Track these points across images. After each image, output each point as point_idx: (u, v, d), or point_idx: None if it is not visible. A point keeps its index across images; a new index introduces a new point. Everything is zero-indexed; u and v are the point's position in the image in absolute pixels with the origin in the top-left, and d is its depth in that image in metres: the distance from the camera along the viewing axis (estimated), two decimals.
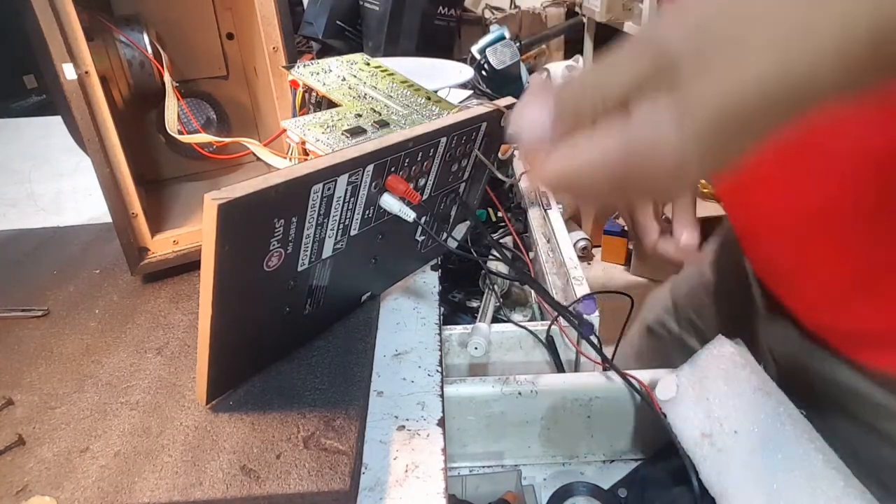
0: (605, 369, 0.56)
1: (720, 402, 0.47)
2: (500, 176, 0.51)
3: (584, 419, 0.57)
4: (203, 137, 0.53)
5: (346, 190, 0.37)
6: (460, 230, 0.55)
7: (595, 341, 0.58)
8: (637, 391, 0.55)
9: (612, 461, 0.58)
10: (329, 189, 0.36)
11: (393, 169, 0.40)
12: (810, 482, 0.39)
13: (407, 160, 0.40)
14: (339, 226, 0.39)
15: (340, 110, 0.47)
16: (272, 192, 0.32)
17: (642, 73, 0.22)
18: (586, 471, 0.58)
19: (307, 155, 0.44)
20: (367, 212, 0.41)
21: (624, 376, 0.55)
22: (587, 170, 0.23)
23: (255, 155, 0.50)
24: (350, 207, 0.39)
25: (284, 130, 0.45)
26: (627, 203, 0.24)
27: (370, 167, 0.38)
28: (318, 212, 0.36)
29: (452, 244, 0.52)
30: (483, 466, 0.58)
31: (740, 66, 0.20)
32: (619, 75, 0.22)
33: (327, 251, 0.40)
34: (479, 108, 0.45)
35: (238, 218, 0.31)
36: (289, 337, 0.44)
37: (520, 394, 0.55)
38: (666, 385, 0.52)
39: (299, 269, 0.39)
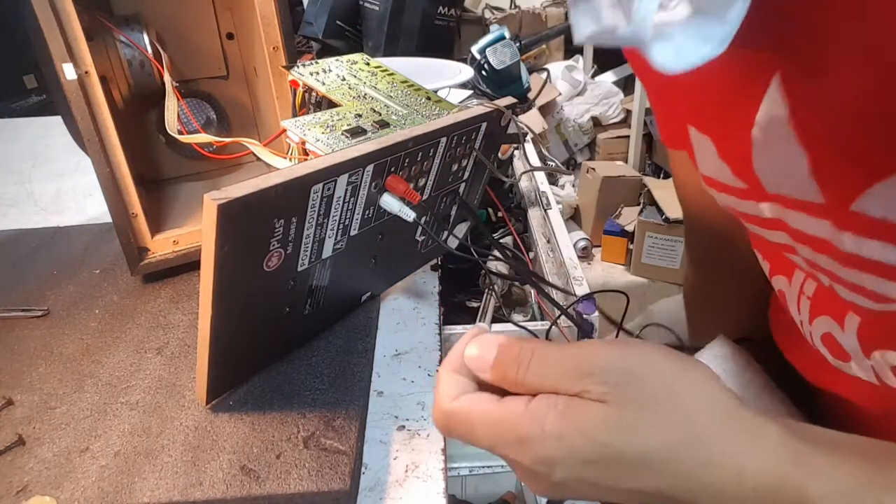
0: None
1: None
2: (500, 176, 0.51)
3: None
4: (203, 137, 0.53)
5: (346, 190, 0.37)
6: (461, 230, 0.55)
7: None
8: None
9: None
10: (329, 189, 0.36)
11: (393, 169, 0.40)
12: None
13: (407, 160, 0.40)
14: (338, 226, 0.39)
15: (340, 110, 0.47)
16: (272, 193, 0.32)
17: (558, 384, 0.25)
18: None
19: (307, 155, 0.44)
20: (367, 212, 0.41)
21: None
22: (468, 434, 0.27)
23: (255, 155, 0.50)
24: (350, 207, 0.39)
25: (284, 130, 0.45)
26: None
27: (370, 167, 0.38)
28: (317, 212, 0.36)
29: (453, 243, 0.52)
30: (483, 466, 0.57)
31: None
32: (543, 375, 0.26)
33: (327, 251, 0.40)
34: (479, 108, 0.45)
35: (238, 218, 0.31)
36: (289, 337, 0.44)
37: None
38: None
39: (299, 269, 0.39)
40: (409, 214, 0.40)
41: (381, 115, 0.48)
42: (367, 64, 0.56)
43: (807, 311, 0.38)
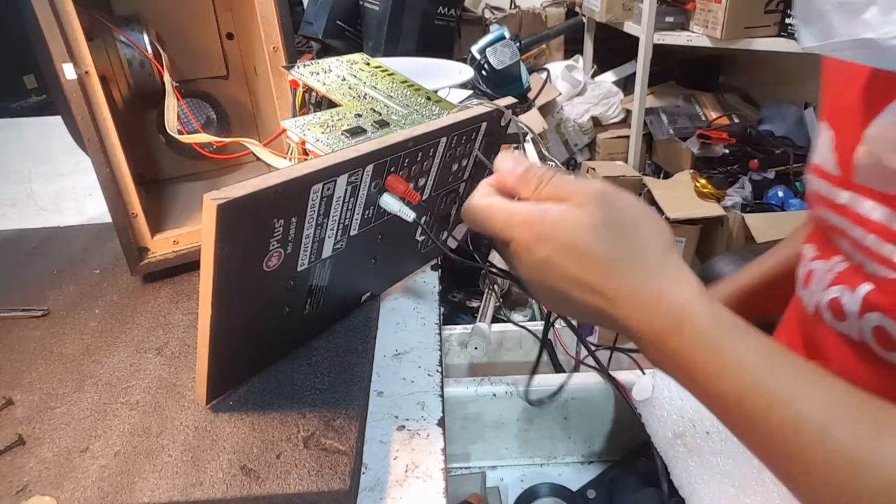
0: (602, 371, 0.56)
1: (693, 403, 0.47)
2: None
3: (561, 420, 0.57)
4: (203, 137, 0.53)
5: (346, 190, 0.37)
6: (461, 230, 0.55)
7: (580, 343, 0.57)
8: (620, 391, 0.55)
9: (591, 462, 0.58)
10: (329, 189, 0.36)
11: (393, 169, 0.40)
12: (778, 485, 0.39)
13: (407, 160, 0.40)
14: (338, 226, 0.39)
15: (340, 110, 0.47)
16: (271, 193, 0.32)
17: (567, 197, 0.34)
18: (563, 472, 0.58)
19: (307, 155, 0.44)
20: (367, 212, 0.41)
21: (611, 377, 0.55)
22: (486, 220, 0.36)
23: (255, 155, 0.50)
24: (350, 207, 0.39)
25: (284, 130, 0.45)
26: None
27: (370, 167, 0.38)
28: (317, 212, 0.36)
29: (453, 244, 0.52)
30: (456, 467, 0.58)
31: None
32: (557, 190, 0.34)
33: (327, 251, 0.40)
34: (479, 107, 0.45)
35: (237, 218, 0.31)
36: (289, 337, 0.44)
37: (494, 395, 0.55)
38: (642, 386, 0.52)
39: (299, 269, 0.39)
40: (409, 214, 0.40)
41: (381, 114, 0.48)
42: (368, 64, 0.56)
43: (828, 282, 0.45)
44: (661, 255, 0.34)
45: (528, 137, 0.89)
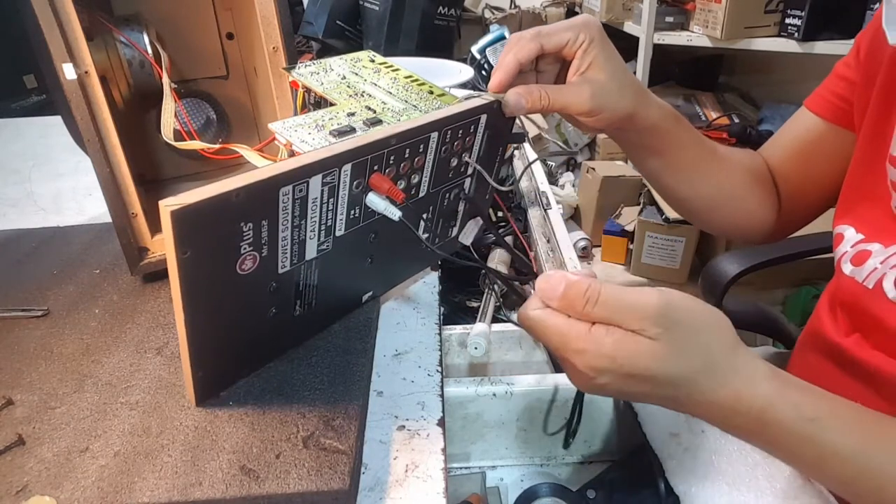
0: None
1: None
2: (494, 185, 0.50)
3: (561, 420, 0.57)
4: (195, 144, 0.53)
5: (323, 191, 0.37)
6: (471, 229, 0.54)
7: None
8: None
9: (591, 462, 0.58)
10: (301, 191, 0.35)
11: (376, 167, 0.39)
12: (770, 481, 0.39)
13: (392, 157, 0.40)
14: (320, 227, 0.39)
15: (333, 109, 0.47)
16: (232, 197, 0.32)
17: (621, 321, 0.34)
18: (563, 472, 0.58)
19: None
20: (353, 211, 0.40)
21: None
22: (540, 336, 0.37)
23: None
24: (331, 208, 0.38)
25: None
26: None
27: (347, 167, 0.37)
28: (291, 214, 0.36)
29: (467, 240, 0.52)
30: (456, 467, 0.58)
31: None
32: (609, 314, 0.35)
33: (311, 253, 0.40)
34: (475, 100, 0.44)
35: (196, 223, 0.31)
36: (280, 337, 0.44)
37: (494, 395, 0.55)
38: None
39: (280, 271, 0.38)
40: (395, 213, 0.40)
41: (375, 112, 0.47)
42: (372, 61, 0.56)
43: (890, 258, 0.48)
44: (730, 357, 0.35)
45: (528, 137, 0.89)
